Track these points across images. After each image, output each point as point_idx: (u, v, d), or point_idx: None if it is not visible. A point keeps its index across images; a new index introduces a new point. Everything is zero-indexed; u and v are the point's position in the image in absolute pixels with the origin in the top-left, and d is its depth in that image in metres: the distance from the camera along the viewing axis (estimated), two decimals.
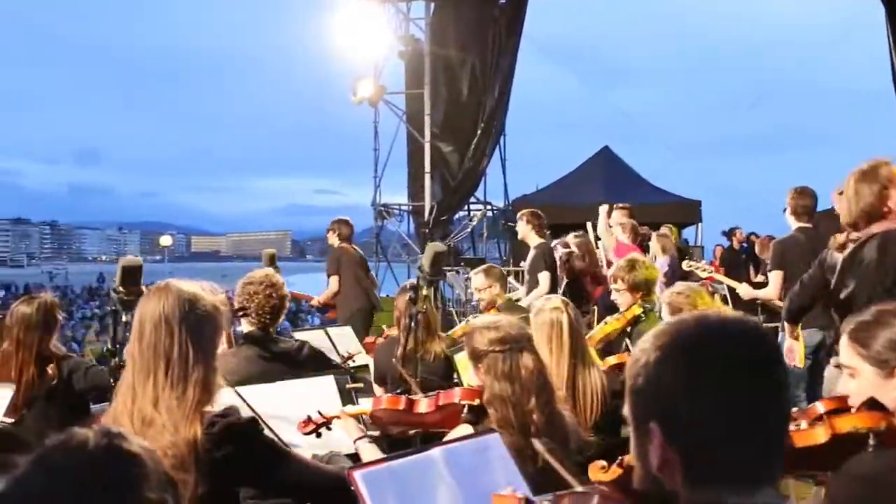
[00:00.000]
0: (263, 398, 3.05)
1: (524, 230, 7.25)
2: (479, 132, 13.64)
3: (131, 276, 3.18)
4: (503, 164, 15.44)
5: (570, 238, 8.08)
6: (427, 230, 13.39)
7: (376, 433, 3.14)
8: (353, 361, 5.21)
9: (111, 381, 3.71)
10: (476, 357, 2.77)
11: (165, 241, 59.13)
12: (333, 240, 8.29)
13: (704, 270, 6.88)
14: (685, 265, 6.88)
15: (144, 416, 2.02)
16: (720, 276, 7.02)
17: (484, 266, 5.93)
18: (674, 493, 1.17)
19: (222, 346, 2.77)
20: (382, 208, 14.79)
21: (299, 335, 4.98)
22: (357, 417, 3.11)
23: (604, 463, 1.90)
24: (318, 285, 9.53)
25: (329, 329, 5.45)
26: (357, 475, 1.78)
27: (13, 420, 3.40)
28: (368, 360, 5.29)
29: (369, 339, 5.48)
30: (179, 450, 1.96)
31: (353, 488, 1.78)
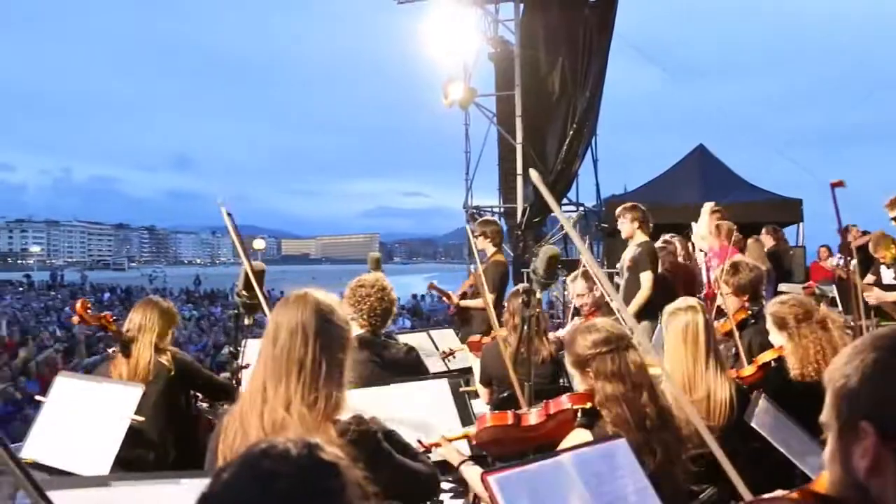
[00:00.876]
0: (378, 400, 3.10)
1: (630, 227, 6.85)
2: (570, 133, 13.53)
3: (256, 279, 3.27)
4: (595, 164, 15.30)
5: (668, 237, 7.92)
6: (519, 232, 13.36)
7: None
8: (454, 357, 5.22)
9: (230, 385, 3.88)
10: (582, 363, 2.74)
11: (259, 244, 60.28)
12: (486, 245, 7.27)
13: (843, 270, 6.59)
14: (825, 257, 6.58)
15: (276, 418, 2.06)
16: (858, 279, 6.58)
17: (582, 270, 5.78)
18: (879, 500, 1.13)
19: None
20: (474, 210, 14.82)
21: (402, 337, 5.02)
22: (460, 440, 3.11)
23: None
24: (404, 288, 9.49)
25: (431, 331, 5.49)
26: (491, 479, 1.79)
27: (143, 418, 3.56)
28: (471, 361, 5.30)
29: (474, 338, 5.44)
30: None
31: (487, 492, 1.79)
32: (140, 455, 3.70)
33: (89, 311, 4.27)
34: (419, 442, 2.98)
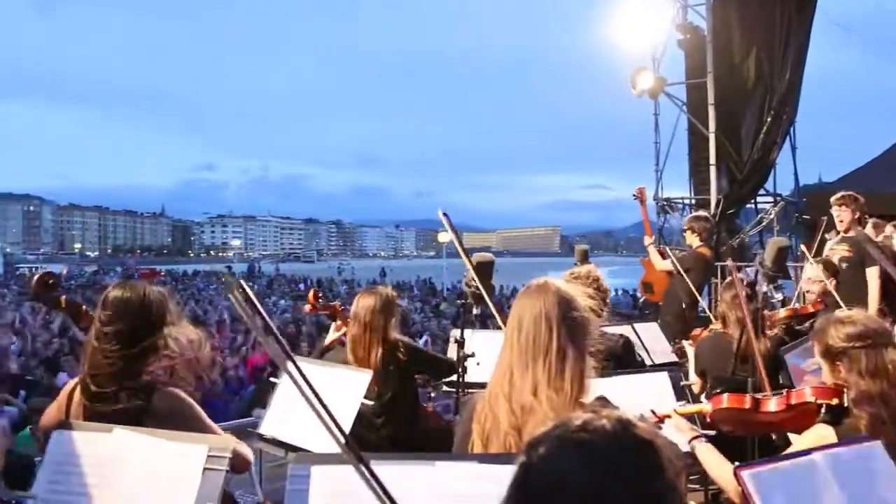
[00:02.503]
0: (597, 391, 3.10)
1: (850, 218, 6.52)
2: (768, 120, 12.86)
3: (483, 270, 3.37)
4: (793, 152, 14.46)
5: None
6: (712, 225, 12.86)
7: (711, 433, 3.05)
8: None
9: (453, 361, 4.04)
10: (832, 354, 2.62)
11: (444, 237, 61.58)
12: (693, 240, 7.47)
13: None
14: None
15: (524, 403, 2.13)
16: None
17: (822, 258, 5.71)
18: None
19: None
20: (665, 203, 14.41)
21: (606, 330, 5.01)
22: (690, 417, 3.05)
23: None
24: None
25: (636, 324, 5.43)
26: (746, 475, 1.76)
27: (372, 402, 3.75)
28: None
29: (696, 332, 5.33)
30: None
31: (739, 486, 1.77)
32: (361, 434, 3.88)
33: (320, 300, 4.51)
34: (652, 412, 2.96)
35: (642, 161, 14.86)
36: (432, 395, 5.31)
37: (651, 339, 5.35)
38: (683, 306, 7.26)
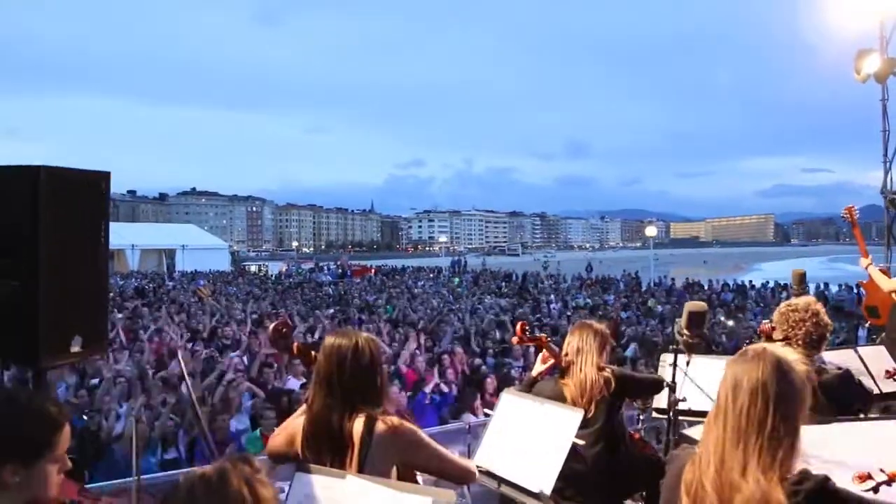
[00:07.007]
0: (820, 440, 2.93)
1: None
2: None
3: (697, 320, 3.31)
4: None
5: None
6: None
7: None
8: None
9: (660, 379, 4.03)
10: None
11: (650, 231, 60.81)
12: None
13: None
14: None
15: (732, 481, 2.13)
16: None
17: None
18: None
19: None
20: (894, 196, 13.17)
21: (826, 355, 4.71)
22: None
23: None
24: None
25: (860, 349, 5.09)
26: None
27: (583, 442, 3.77)
28: None
29: None
30: None
31: None
32: (575, 469, 3.92)
33: (527, 332, 4.66)
34: (881, 471, 2.72)
35: (870, 143, 13.65)
36: (641, 417, 5.24)
37: (878, 365, 4.96)
38: None
